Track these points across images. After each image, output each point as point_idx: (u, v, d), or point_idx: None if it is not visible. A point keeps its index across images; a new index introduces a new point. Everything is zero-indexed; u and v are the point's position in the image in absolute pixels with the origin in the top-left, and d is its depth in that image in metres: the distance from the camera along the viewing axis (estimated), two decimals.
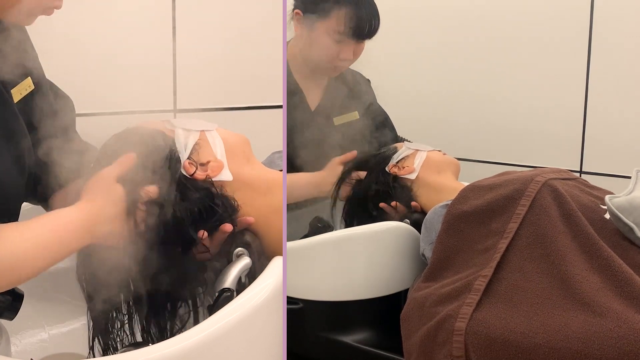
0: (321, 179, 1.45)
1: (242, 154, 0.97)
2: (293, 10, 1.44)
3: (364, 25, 1.39)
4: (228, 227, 0.89)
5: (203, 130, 0.96)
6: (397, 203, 1.37)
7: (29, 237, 0.79)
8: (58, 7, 0.90)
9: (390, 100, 1.65)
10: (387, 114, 1.62)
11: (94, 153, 0.94)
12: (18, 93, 0.93)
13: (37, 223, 0.81)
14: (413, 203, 1.36)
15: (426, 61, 1.85)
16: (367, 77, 1.64)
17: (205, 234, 0.88)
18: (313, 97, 1.53)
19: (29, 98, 0.95)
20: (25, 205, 1.10)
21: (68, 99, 1.07)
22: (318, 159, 1.45)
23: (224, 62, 1.36)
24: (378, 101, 1.62)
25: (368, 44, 1.49)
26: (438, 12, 1.83)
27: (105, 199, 0.85)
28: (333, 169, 1.45)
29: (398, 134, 1.62)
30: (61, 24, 1.09)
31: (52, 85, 1.04)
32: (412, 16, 1.84)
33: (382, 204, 1.38)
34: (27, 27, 0.99)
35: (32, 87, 0.96)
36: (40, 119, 0.97)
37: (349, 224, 1.45)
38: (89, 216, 0.84)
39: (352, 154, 1.45)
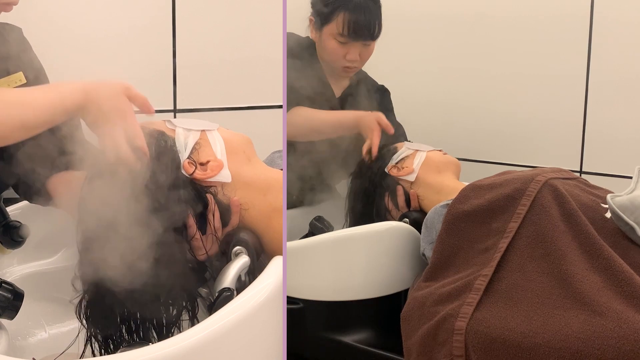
0: (355, 118, 1.47)
1: (243, 153, 0.97)
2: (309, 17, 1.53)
3: (363, 28, 1.45)
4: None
5: (204, 130, 0.96)
6: (395, 203, 1.37)
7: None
8: (15, 3, 0.95)
9: (391, 100, 1.65)
10: (402, 126, 1.62)
11: (92, 150, 0.95)
12: (6, 84, 0.97)
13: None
14: (412, 204, 1.37)
15: (427, 62, 1.85)
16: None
17: (198, 233, 0.89)
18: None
19: None
20: (25, 204, 1.11)
21: None
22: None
23: (224, 62, 1.37)
24: None
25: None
26: (439, 15, 1.83)
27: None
28: (369, 119, 1.45)
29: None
30: (61, 24, 1.10)
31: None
32: (414, 18, 1.84)
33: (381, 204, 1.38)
34: (24, 28, 1.03)
35: (24, 80, 0.99)
36: None
37: (352, 221, 1.45)
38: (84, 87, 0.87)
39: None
